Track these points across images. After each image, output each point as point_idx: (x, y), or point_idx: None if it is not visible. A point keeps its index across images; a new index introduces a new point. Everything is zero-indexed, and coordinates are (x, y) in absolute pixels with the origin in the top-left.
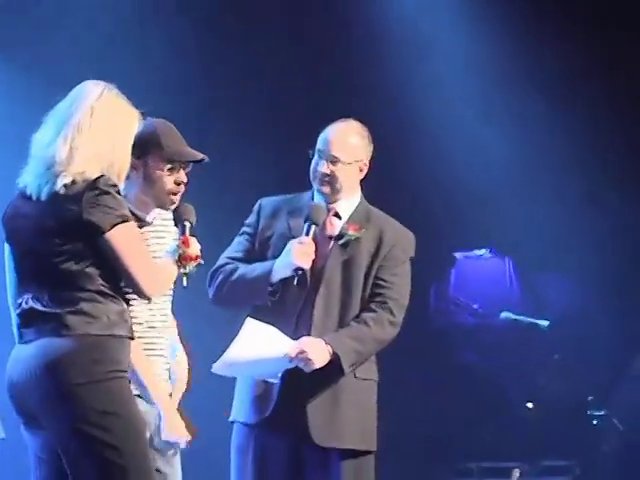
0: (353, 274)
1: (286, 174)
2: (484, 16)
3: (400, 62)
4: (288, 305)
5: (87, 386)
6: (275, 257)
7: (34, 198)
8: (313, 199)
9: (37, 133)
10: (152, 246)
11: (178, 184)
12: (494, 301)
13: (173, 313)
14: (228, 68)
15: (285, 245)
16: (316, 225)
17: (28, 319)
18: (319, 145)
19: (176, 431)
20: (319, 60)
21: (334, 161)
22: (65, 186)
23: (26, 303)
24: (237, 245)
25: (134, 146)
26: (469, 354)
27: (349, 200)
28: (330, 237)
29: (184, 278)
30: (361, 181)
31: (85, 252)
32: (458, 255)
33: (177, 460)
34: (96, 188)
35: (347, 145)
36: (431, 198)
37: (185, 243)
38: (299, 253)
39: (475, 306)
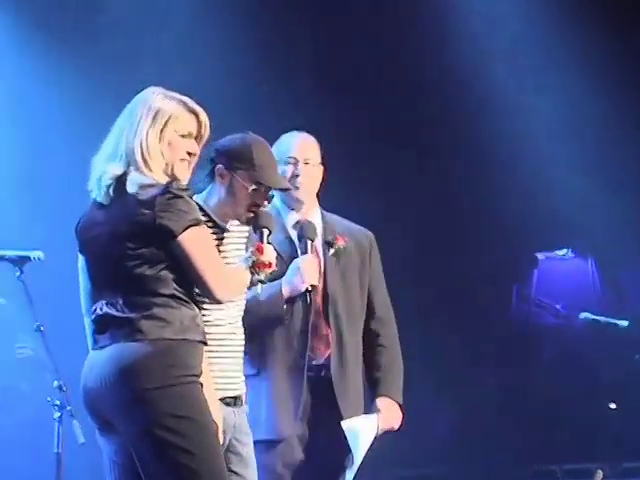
0: (350, 284)
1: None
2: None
3: (477, 62)
4: (296, 321)
5: (161, 390)
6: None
7: (108, 205)
8: (276, 210)
9: (102, 145)
10: (228, 253)
11: (258, 206)
12: (577, 301)
13: None
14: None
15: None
16: (312, 241)
17: (102, 325)
18: (288, 154)
19: None
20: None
21: (307, 162)
22: (136, 191)
23: (100, 309)
24: None
25: (226, 156)
26: (552, 355)
27: (314, 206)
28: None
29: (258, 285)
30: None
31: (158, 256)
32: (540, 256)
33: (253, 461)
34: (168, 192)
35: (315, 146)
36: (512, 199)
37: (259, 250)
38: (310, 272)
39: (558, 307)
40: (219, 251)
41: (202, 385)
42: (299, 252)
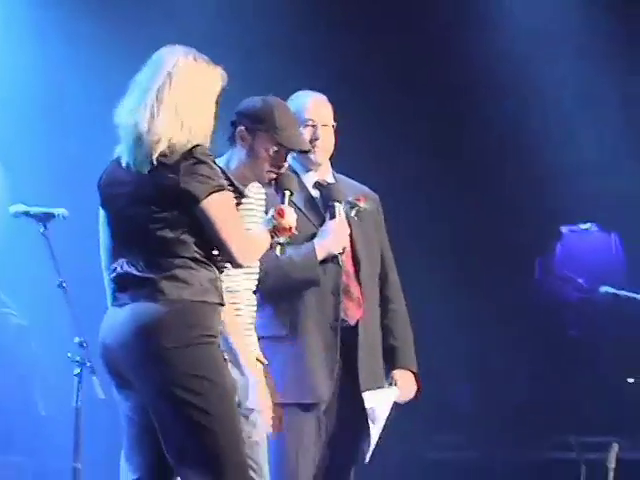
0: (372, 245)
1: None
2: None
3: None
4: (327, 283)
5: (179, 350)
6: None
7: (131, 168)
8: (291, 169)
9: (121, 104)
10: (247, 217)
11: (279, 167)
12: (599, 275)
13: None
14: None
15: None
16: (340, 203)
17: (123, 283)
18: (306, 116)
19: (261, 401)
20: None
21: (325, 125)
22: (161, 155)
23: (121, 268)
24: None
25: (248, 118)
26: (573, 328)
27: (328, 167)
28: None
29: (278, 248)
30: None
31: (181, 220)
32: (564, 229)
33: (263, 425)
34: (193, 157)
35: (330, 107)
36: (537, 172)
37: (280, 214)
38: (343, 235)
39: (580, 280)
40: None
41: (219, 346)
42: (326, 214)
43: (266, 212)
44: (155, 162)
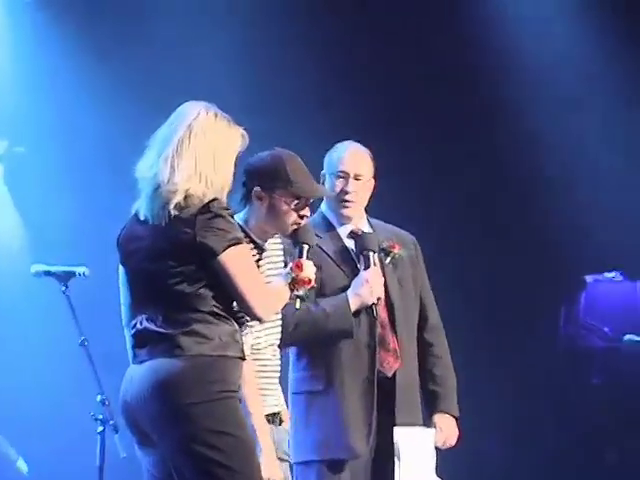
0: (408, 292)
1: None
2: None
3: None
4: (362, 334)
5: (199, 406)
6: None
7: (149, 221)
8: (326, 220)
9: (142, 158)
10: (266, 270)
11: (302, 217)
12: (625, 325)
13: None
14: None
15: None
16: (374, 252)
17: (142, 340)
18: (339, 167)
19: (272, 472)
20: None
21: (357, 178)
22: (177, 208)
23: (140, 324)
24: None
25: (260, 177)
26: (597, 377)
27: (362, 215)
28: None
29: (297, 301)
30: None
31: (198, 274)
32: (588, 278)
33: (289, 475)
34: (209, 211)
35: (368, 160)
36: (561, 220)
37: (299, 267)
38: (377, 284)
39: (605, 329)
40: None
41: (240, 401)
42: (360, 264)
43: (285, 264)
44: (172, 214)
